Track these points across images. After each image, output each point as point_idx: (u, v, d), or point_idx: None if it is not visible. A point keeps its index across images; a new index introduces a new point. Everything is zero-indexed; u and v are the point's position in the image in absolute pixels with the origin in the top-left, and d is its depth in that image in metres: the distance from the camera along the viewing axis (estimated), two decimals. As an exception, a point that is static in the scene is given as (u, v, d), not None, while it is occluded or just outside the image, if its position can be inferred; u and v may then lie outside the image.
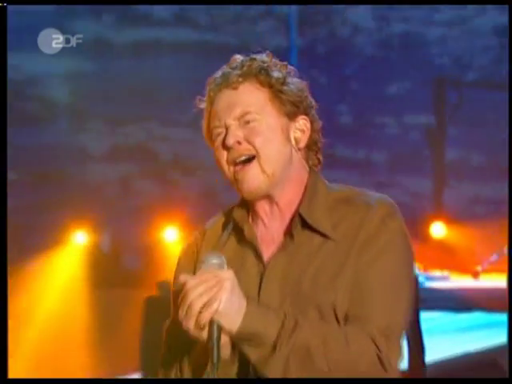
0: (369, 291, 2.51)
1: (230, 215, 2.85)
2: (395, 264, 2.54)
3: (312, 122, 2.68)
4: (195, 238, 2.85)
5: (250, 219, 2.80)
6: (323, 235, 2.65)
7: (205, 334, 2.32)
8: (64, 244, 11.34)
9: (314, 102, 2.68)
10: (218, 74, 2.71)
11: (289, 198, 2.72)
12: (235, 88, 2.69)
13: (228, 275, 2.37)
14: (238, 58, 2.72)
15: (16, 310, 9.34)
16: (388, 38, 12.88)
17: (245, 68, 2.67)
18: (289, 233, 2.67)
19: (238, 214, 2.83)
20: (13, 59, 11.45)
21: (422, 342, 7.27)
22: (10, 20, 6.56)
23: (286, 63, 2.78)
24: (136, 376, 8.99)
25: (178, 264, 2.85)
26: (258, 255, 2.73)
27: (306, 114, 2.69)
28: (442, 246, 10.56)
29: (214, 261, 2.41)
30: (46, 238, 11.66)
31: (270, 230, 2.77)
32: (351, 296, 2.52)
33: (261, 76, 2.67)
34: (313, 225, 2.68)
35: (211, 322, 2.29)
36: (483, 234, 10.42)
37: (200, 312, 2.29)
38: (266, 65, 2.69)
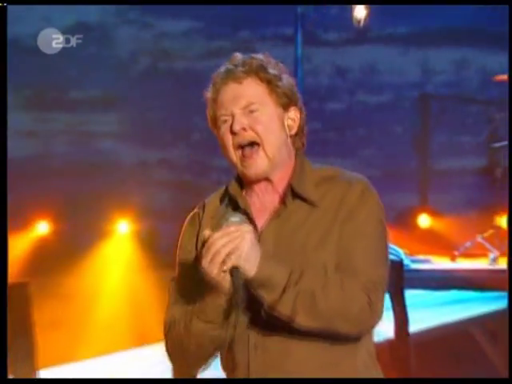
0: (355, 251, 2.87)
1: (226, 190, 3.17)
2: (374, 228, 2.91)
3: (300, 112, 3.04)
4: (197, 210, 3.19)
5: (244, 193, 3.10)
6: (311, 204, 3.02)
7: (226, 280, 2.63)
8: (110, 233, 11.95)
9: (300, 95, 3.10)
10: (222, 69, 3.05)
11: (281, 175, 3.03)
12: (240, 82, 2.99)
13: (248, 229, 2.69)
14: (239, 56, 3.07)
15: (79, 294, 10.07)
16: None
17: (247, 66, 2.97)
18: (281, 202, 3.02)
19: (233, 188, 3.12)
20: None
21: (406, 314, 7.90)
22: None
23: (278, 61, 3.10)
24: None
25: (183, 232, 3.18)
26: (252, 222, 3.05)
27: (296, 105, 3.02)
28: (426, 234, 11.17)
29: (235, 219, 2.74)
30: (94, 229, 12.02)
31: (262, 201, 3.10)
32: (340, 255, 2.88)
33: (261, 73, 2.97)
34: (303, 195, 3.01)
35: (234, 268, 2.60)
36: (460, 225, 11.03)
37: (223, 260, 2.63)
38: (264, 63, 3.01)
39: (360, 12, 10.97)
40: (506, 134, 9.99)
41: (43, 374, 7.76)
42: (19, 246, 11.76)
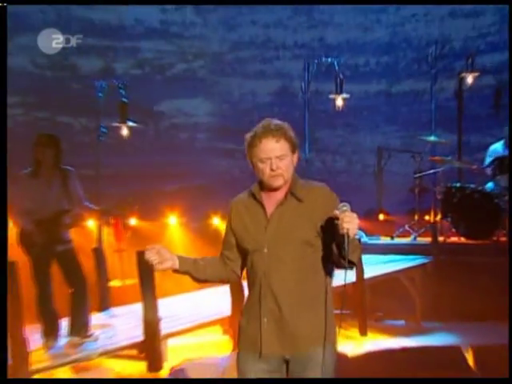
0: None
1: (250, 191, 4.15)
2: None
3: (297, 153, 4.09)
4: (230, 205, 4.22)
5: (262, 193, 4.08)
6: (299, 200, 4.04)
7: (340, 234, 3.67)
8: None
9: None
10: (261, 129, 4.00)
11: (285, 186, 4.03)
12: (277, 141, 3.97)
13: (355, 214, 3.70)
14: (270, 122, 4.04)
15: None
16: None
17: (280, 130, 3.98)
18: (284, 198, 4.02)
19: (256, 190, 4.10)
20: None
21: (363, 267, 9.69)
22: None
23: (290, 126, 4.08)
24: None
25: (228, 215, 4.24)
26: (264, 211, 4.08)
27: (296, 150, 4.08)
28: (378, 224, 13.36)
29: (347, 207, 3.76)
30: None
31: (271, 199, 4.08)
32: (323, 233, 3.95)
33: (287, 136, 3.99)
34: (295, 194, 4.03)
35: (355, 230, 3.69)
36: (396, 219, 13.19)
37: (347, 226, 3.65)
38: (287, 129, 4.02)
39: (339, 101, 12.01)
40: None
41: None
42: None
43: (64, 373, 7.98)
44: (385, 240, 12.59)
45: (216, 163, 14.67)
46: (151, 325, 8.21)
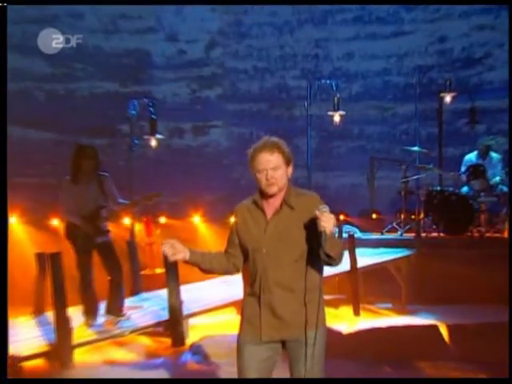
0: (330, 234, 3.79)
1: (253, 198, 4.13)
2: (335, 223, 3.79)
3: (291, 165, 4.09)
4: (236, 209, 4.20)
5: (263, 200, 4.08)
6: (291, 208, 4.03)
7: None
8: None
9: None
10: (259, 145, 4.03)
11: (280, 194, 4.04)
12: (272, 154, 3.99)
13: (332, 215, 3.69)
14: (267, 139, 4.05)
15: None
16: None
17: (274, 146, 4.00)
18: (279, 206, 4.04)
19: (257, 197, 4.09)
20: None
21: (356, 258, 9.85)
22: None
23: (284, 142, 4.08)
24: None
25: (234, 219, 4.21)
26: (265, 216, 4.07)
27: (291, 163, 4.08)
28: (370, 222, 13.13)
29: (326, 208, 3.76)
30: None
31: (270, 205, 4.08)
32: (316, 235, 3.81)
33: (280, 151, 4.00)
34: (288, 203, 4.04)
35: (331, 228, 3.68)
36: (385, 217, 13.04)
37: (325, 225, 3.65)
38: (280, 145, 4.03)
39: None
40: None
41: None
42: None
43: (102, 347, 8.00)
44: (376, 235, 12.51)
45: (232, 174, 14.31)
46: (175, 307, 8.29)
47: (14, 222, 12.05)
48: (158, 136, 10.71)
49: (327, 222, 3.72)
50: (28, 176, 12.94)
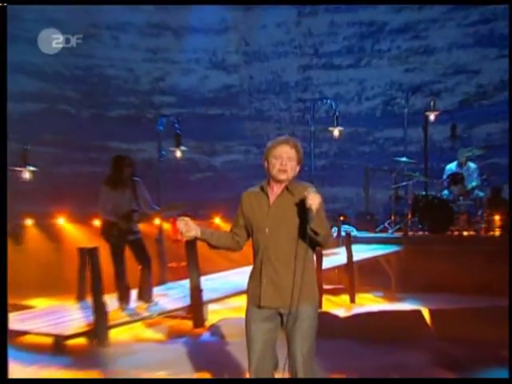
0: (318, 214, 3.85)
1: (260, 185, 4.13)
2: (322, 204, 3.88)
3: (299, 165, 4.11)
4: (242, 195, 4.18)
5: (269, 186, 4.09)
6: (292, 194, 4.04)
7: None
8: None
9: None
10: (282, 138, 4.08)
11: (285, 183, 4.05)
12: (291, 148, 4.04)
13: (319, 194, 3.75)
14: (290, 137, 4.11)
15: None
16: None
17: (294, 143, 4.06)
18: (281, 192, 4.06)
19: (265, 184, 4.10)
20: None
21: (352, 253, 9.91)
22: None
23: (299, 141, 4.11)
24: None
25: (240, 203, 4.19)
26: (268, 201, 4.08)
27: (301, 162, 4.11)
28: (365, 222, 12.88)
29: (313, 189, 3.84)
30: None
31: (274, 192, 4.09)
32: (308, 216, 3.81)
33: (297, 149, 4.06)
34: (290, 190, 4.06)
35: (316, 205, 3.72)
36: (378, 219, 12.85)
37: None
38: (298, 144, 4.08)
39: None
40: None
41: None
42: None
43: (133, 328, 8.04)
44: (370, 234, 12.50)
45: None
46: (196, 294, 8.33)
47: (63, 222, 12.18)
48: (182, 148, 10.69)
49: (313, 200, 3.78)
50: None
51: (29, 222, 12.32)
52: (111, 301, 7.90)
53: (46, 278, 10.86)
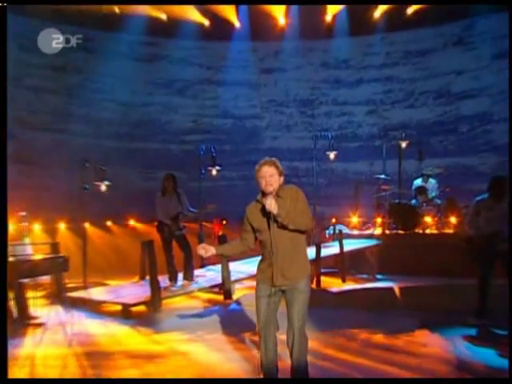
0: (301, 208, 3.87)
1: (256, 199, 4.02)
2: (304, 202, 3.89)
3: (282, 176, 3.99)
4: (247, 208, 4.05)
5: (263, 197, 3.96)
6: (280, 197, 3.94)
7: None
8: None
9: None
10: (263, 161, 3.98)
11: (274, 192, 3.93)
12: (269, 167, 3.94)
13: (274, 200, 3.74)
14: (267, 158, 3.99)
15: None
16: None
17: (271, 162, 3.95)
18: (274, 198, 3.89)
19: (259, 197, 3.98)
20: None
21: (343, 246, 9.49)
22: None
23: (277, 160, 3.98)
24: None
25: (245, 216, 4.05)
26: (264, 208, 3.90)
27: (282, 174, 3.99)
28: (353, 223, 12.40)
29: (268, 199, 3.79)
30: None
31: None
32: (296, 211, 3.82)
33: (275, 166, 3.95)
34: (278, 194, 3.96)
35: (272, 210, 3.70)
36: (361, 220, 12.35)
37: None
38: (275, 162, 3.98)
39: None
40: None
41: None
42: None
43: (179, 300, 7.98)
44: (357, 231, 12.17)
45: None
46: (225, 275, 8.23)
47: (132, 223, 12.30)
48: (217, 167, 10.71)
49: (269, 206, 3.78)
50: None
51: (108, 222, 12.44)
52: (163, 280, 7.92)
53: (119, 263, 10.97)
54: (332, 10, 14.01)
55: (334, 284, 8.97)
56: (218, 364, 5.07)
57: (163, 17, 13.35)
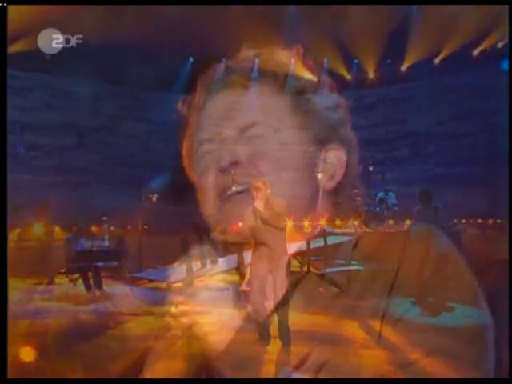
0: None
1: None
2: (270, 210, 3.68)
3: (269, 188, 3.78)
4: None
5: None
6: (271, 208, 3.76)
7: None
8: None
9: None
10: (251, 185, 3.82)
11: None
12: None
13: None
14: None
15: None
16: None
17: (257, 183, 3.76)
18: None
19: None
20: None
21: (326, 242, 8.80)
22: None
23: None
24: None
25: None
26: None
27: (268, 187, 3.79)
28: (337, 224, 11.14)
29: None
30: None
31: None
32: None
33: (264, 184, 3.76)
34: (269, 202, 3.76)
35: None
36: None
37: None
38: (262, 180, 3.84)
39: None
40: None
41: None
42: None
43: (206, 279, 7.57)
44: (340, 230, 10.94)
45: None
46: (240, 260, 7.83)
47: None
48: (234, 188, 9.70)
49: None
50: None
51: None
52: (195, 265, 7.64)
53: (164, 252, 10.18)
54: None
55: (318, 269, 8.41)
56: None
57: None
